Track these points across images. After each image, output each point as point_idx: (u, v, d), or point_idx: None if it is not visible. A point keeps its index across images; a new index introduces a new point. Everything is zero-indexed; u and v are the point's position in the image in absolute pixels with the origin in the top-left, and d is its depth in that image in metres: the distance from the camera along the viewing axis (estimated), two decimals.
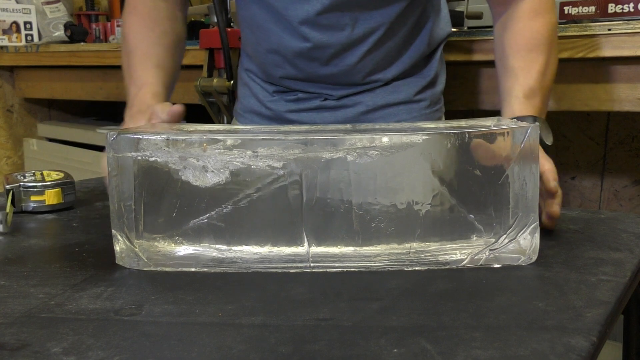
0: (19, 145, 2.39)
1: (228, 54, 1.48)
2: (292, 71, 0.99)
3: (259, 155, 0.60)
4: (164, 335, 0.49)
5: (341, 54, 0.95)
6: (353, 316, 0.52)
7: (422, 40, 1.01)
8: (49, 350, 0.46)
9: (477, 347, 0.46)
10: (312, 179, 0.60)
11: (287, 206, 0.61)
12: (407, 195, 0.61)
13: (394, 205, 0.61)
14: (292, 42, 0.95)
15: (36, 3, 2.27)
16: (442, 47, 1.07)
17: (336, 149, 0.60)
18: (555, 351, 0.45)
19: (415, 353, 0.45)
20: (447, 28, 1.07)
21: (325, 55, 0.95)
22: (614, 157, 1.68)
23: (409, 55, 1.01)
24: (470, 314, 0.52)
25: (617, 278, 0.59)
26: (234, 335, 0.49)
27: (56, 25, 2.27)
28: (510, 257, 0.63)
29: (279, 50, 0.98)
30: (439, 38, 1.05)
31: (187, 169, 0.61)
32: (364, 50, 0.96)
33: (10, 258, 0.67)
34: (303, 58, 0.96)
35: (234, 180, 0.61)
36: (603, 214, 0.83)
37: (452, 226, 0.62)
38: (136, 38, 1.02)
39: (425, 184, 0.61)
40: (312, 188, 0.61)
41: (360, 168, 0.60)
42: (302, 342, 0.47)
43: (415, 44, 1.01)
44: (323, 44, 0.94)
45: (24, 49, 2.14)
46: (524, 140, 0.61)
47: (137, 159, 0.61)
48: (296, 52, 0.96)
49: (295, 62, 0.97)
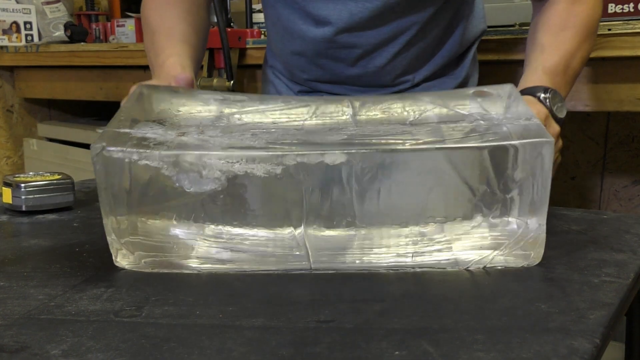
0: (19, 145, 2.39)
1: (228, 54, 1.48)
2: (317, 72, 0.96)
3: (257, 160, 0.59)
4: (164, 337, 0.48)
5: (369, 55, 0.92)
6: (354, 318, 0.51)
7: (455, 39, 0.97)
8: (48, 353, 0.46)
9: (480, 349, 0.46)
10: (312, 182, 0.60)
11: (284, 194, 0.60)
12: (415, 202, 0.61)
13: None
14: (318, 44, 0.92)
15: (36, 3, 2.27)
16: (475, 46, 1.02)
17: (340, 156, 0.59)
18: (558, 353, 0.45)
19: (417, 355, 0.45)
20: (481, 25, 1.02)
21: (353, 56, 0.92)
22: (614, 157, 1.67)
23: (441, 55, 0.96)
24: (472, 316, 0.51)
25: (620, 279, 0.59)
26: (234, 337, 0.48)
27: (56, 25, 2.27)
28: (515, 259, 0.62)
29: (304, 52, 0.94)
30: (473, 36, 1.01)
31: (181, 174, 0.60)
32: (394, 51, 0.92)
33: (10, 258, 0.67)
34: (328, 59, 0.93)
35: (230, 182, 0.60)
36: (606, 215, 0.83)
37: (459, 224, 0.61)
38: (158, 17, 0.95)
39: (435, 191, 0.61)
40: (312, 187, 0.60)
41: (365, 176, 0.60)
42: (303, 344, 0.47)
43: (447, 44, 0.96)
44: (350, 44, 0.90)
45: (24, 49, 2.13)
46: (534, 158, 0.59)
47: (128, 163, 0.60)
48: (321, 52, 0.92)
49: (321, 63, 0.94)
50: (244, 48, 1.59)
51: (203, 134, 0.64)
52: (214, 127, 0.66)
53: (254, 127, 0.66)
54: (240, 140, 0.62)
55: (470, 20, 0.99)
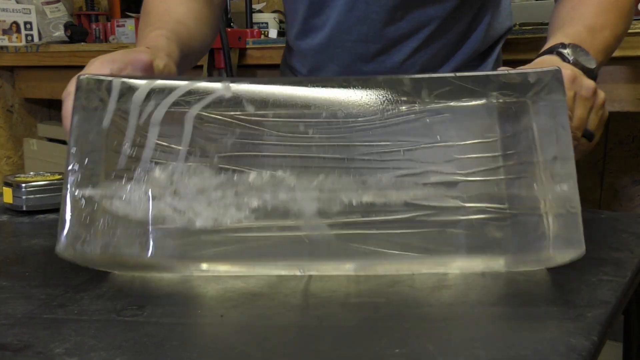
0: (19, 145, 2.39)
1: (228, 54, 1.49)
2: (334, 69, 0.93)
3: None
4: (165, 336, 0.49)
5: (388, 51, 0.89)
6: (355, 316, 0.52)
7: (478, 36, 0.92)
8: (52, 351, 0.46)
9: (479, 347, 0.46)
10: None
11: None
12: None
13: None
14: (334, 38, 0.90)
15: (36, 3, 2.27)
16: (500, 45, 0.98)
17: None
18: (556, 351, 0.45)
19: (417, 353, 0.45)
20: (506, 22, 0.97)
21: (371, 52, 0.89)
22: (614, 157, 1.68)
23: (462, 52, 0.92)
24: (472, 314, 0.52)
25: (618, 278, 0.60)
26: (236, 335, 0.49)
27: (56, 25, 2.28)
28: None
29: (321, 47, 0.92)
30: (498, 33, 0.96)
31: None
32: (413, 46, 0.88)
33: (11, 258, 0.68)
34: (346, 53, 0.90)
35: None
36: (603, 214, 0.83)
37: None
38: (158, 1, 0.87)
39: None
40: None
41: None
42: (304, 342, 0.47)
43: (470, 41, 0.92)
44: (367, 37, 0.88)
45: (24, 49, 2.14)
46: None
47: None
48: (338, 46, 0.90)
49: (336, 59, 0.92)
50: (244, 48, 1.60)
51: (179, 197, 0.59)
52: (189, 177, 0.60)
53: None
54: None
55: (496, 17, 0.94)
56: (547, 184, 0.56)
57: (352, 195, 0.57)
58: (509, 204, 0.57)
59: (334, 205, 0.57)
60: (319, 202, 0.57)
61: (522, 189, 0.57)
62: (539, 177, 0.57)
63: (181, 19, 0.84)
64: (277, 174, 0.57)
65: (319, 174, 0.57)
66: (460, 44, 0.92)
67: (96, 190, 0.57)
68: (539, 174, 0.56)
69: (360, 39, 0.89)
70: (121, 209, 0.57)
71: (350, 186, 0.57)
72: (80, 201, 0.57)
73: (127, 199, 0.57)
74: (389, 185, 0.57)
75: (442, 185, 0.57)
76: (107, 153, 0.59)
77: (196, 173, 0.58)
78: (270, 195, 0.57)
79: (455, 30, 0.90)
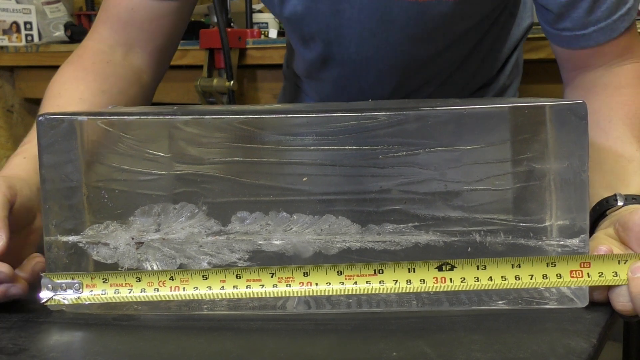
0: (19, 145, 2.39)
1: (228, 54, 1.49)
2: (332, 94, 0.90)
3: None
4: (162, 339, 0.48)
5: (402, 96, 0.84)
6: (352, 320, 0.52)
7: (490, 63, 0.86)
8: (46, 355, 0.46)
9: (477, 349, 0.46)
10: None
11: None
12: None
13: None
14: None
15: (36, 3, 2.27)
16: (518, 49, 0.91)
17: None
18: (555, 353, 0.45)
19: (414, 356, 0.45)
20: (524, 23, 0.89)
21: (385, 95, 0.84)
22: None
23: (475, 82, 0.88)
24: (470, 317, 0.52)
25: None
26: (232, 339, 0.48)
27: (56, 25, 2.27)
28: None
29: (327, 92, 0.90)
30: (515, 39, 0.89)
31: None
32: (428, 92, 0.85)
33: None
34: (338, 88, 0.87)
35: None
36: None
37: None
38: (66, 84, 0.79)
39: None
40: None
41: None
42: (301, 345, 0.47)
43: (480, 74, 0.87)
44: (378, 95, 0.83)
45: (24, 49, 2.14)
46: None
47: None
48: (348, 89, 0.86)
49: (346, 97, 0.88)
50: (244, 48, 1.59)
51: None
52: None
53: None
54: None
55: (514, 23, 0.88)
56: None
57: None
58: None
59: (331, 249, 0.55)
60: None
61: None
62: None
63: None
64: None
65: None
66: (476, 73, 0.88)
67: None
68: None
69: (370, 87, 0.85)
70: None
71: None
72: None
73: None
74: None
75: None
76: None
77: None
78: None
79: (464, 72, 0.86)
